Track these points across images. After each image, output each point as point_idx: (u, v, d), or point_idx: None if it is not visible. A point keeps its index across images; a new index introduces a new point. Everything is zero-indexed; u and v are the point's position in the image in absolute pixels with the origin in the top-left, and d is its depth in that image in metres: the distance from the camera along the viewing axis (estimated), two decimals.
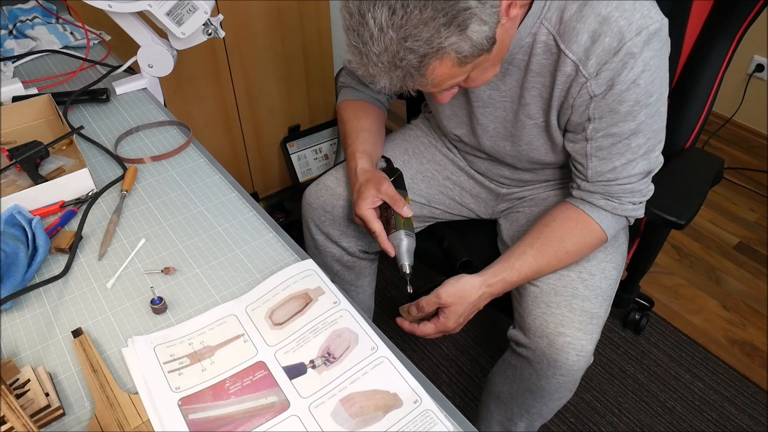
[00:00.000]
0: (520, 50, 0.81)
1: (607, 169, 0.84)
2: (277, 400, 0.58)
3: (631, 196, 0.86)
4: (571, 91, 0.79)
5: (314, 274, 0.71)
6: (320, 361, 0.62)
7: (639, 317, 1.57)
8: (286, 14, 1.72)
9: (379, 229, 0.90)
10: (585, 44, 0.75)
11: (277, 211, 1.97)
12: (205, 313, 0.67)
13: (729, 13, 1.00)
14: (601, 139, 0.82)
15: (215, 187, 0.88)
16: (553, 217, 0.90)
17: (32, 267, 0.71)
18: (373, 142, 1.04)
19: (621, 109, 0.77)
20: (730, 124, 2.35)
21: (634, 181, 0.85)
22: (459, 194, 1.13)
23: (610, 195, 0.86)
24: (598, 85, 0.76)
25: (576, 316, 0.86)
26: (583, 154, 0.85)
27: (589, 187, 0.87)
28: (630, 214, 0.88)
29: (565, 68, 0.78)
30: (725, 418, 1.39)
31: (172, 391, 0.59)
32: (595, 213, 0.88)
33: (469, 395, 1.45)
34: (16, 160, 0.85)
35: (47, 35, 1.24)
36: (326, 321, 0.66)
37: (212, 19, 0.99)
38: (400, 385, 0.59)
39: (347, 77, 1.12)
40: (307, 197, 1.09)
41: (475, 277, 0.87)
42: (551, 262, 0.88)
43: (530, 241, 0.88)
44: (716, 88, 1.05)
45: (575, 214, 0.88)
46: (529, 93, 0.85)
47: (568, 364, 0.85)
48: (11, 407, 0.52)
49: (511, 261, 0.87)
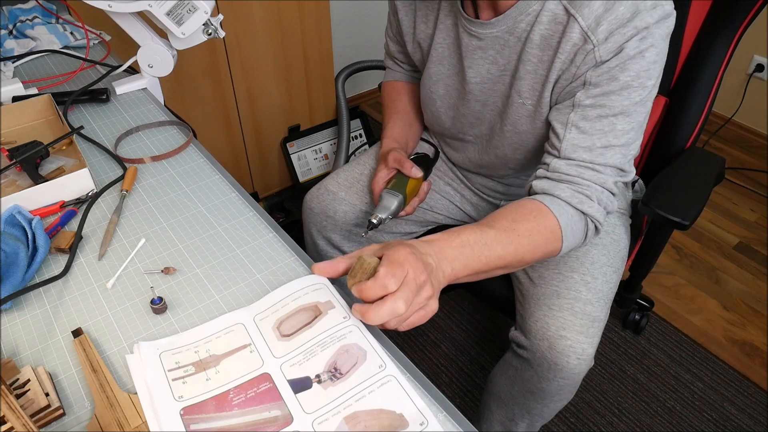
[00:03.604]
0: (525, 18, 0.79)
1: (584, 145, 0.77)
2: (281, 414, 0.57)
3: (600, 192, 0.78)
4: (575, 60, 0.76)
5: (325, 288, 0.70)
6: (326, 376, 0.60)
7: (639, 317, 1.56)
8: (286, 14, 1.72)
9: (383, 174, 0.96)
10: (597, 11, 0.73)
11: (277, 211, 1.97)
12: (212, 321, 0.66)
13: (728, 12, 1.00)
14: (589, 109, 0.77)
15: (215, 187, 0.88)
16: (504, 207, 0.79)
17: (32, 267, 0.71)
18: (404, 123, 1.09)
19: (621, 77, 0.74)
20: (730, 124, 2.35)
21: (607, 173, 0.78)
22: (460, 201, 1.14)
23: (579, 182, 0.77)
24: (607, 51, 0.74)
25: (578, 320, 0.86)
26: (564, 123, 0.78)
27: (560, 166, 0.78)
28: (593, 215, 0.78)
29: (572, 35, 0.75)
30: (725, 418, 1.39)
31: (175, 400, 0.58)
32: (554, 205, 0.77)
33: (470, 395, 1.45)
34: (16, 160, 0.85)
35: (47, 35, 1.24)
36: (335, 335, 0.64)
37: (212, 19, 0.99)
38: (406, 405, 0.58)
39: (387, 60, 1.16)
40: (308, 202, 1.09)
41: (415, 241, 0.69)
42: (500, 238, 0.72)
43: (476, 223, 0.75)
44: (716, 88, 1.05)
45: (531, 204, 0.77)
46: (524, 66, 0.82)
47: (569, 367, 0.85)
48: (11, 407, 0.52)
49: (446, 234, 0.70)
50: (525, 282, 0.94)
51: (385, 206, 0.91)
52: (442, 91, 0.97)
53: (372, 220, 0.90)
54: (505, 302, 1.02)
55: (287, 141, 1.98)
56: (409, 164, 0.94)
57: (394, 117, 1.08)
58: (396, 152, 0.97)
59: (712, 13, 1.02)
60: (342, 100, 1.97)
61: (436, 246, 0.67)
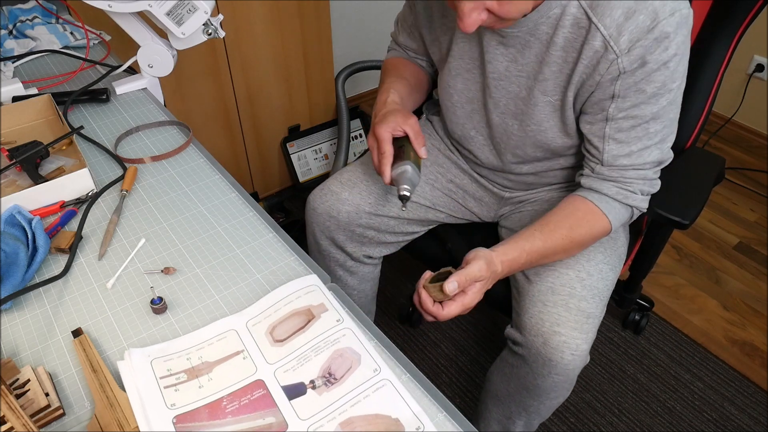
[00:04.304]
0: (546, 21, 0.80)
1: (624, 153, 0.83)
2: (275, 422, 0.57)
3: (642, 184, 0.85)
4: (599, 68, 0.78)
5: (318, 290, 0.69)
6: (321, 381, 0.60)
7: (639, 317, 1.56)
8: (286, 14, 1.72)
9: (389, 152, 0.88)
10: (618, 20, 0.74)
11: (276, 211, 1.97)
12: (204, 327, 0.66)
13: (728, 12, 1.00)
14: (622, 121, 0.81)
15: (215, 187, 0.88)
16: (561, 207, 0.89)
17: (32, 267, 0.71)
18: (409, 90, 1.05)
19: (647, 89, 0.77)
20: (730, 124, 2.35)
21: (647, 167, 0.84)
22: (462, 197, 1.13)
23: (623, 181, 0.85)
24: (630, 62, 0.75)
25: (572, 316, 0.86)
26: (601, 136, 0.84)
27: (603, 171, 0.86)
28: (638, 205, 0.87)
29: (594, 43, 0.77)
30: (725, 418, 1.39)
31: (168, 408, 0.57)
32: (603, 203, 0.86)
33: (469, 395, 1.45)
34: (16, 160, 0.85)
35: (47, 35, 1.24)
36: (328, 339, 0.64)
37: (212, 19, 0.99)
38: (402, 409, 0.57)
39: (393, 44, 1.15)
40: (311, 202, 1.09)
41: (490, 252, 0.83)
42: (557, 248, 0.86)
43: (539, 226, 0.86)
44: (716, 87, 1.05)
45: (584, 205, 0.87)
46: (548, 68, 0.84)
47: (563, 363, 0.85)
48: (11, 407, 0.52)
49: (520, 243, 0.84)
50: (521, 279, 0.94)
51: (411, 179, 0.86)
52: (461, 85, 0.97)
53: (404, 194, 0.85)
54: (503, 300, 1.02)
55: (287, 141, 1.98)
56: (423, 140, 0.90)
57: (401, 80, 1.04)
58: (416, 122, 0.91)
59: (712, 13, 1.02)
60: (342, 100, 1.97)
61: (507, 266, 0.83)
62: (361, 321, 0.67)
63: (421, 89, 1.11)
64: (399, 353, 0.64)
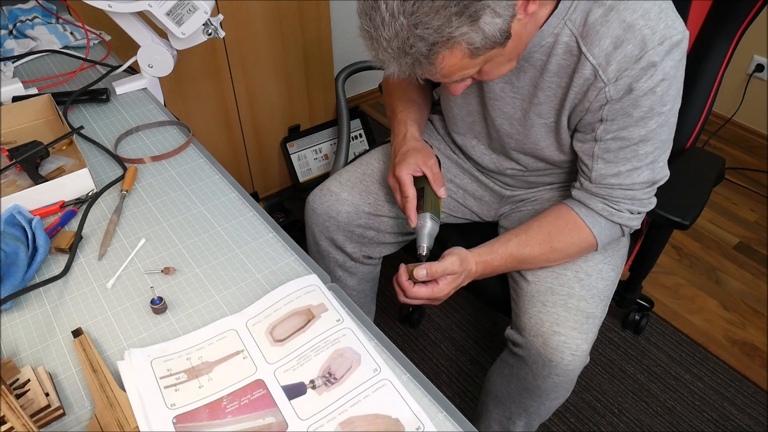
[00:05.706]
0: (540, 49, 0.81)
1: (611, 173, 0.84)
2: (275, 422, 0.57)
3: (630, 204, 0.86)
4: (588, 95, 0.79)
5: (318, 290, 0.69)
6: (321, 381, 0.60)
7: (639, 317, 1.56)
8: (286, 14, 1.72)
9: (412, 194, 0.91)
10: (607, 49, 0.75)
11: (277, 211, 1.97)
12: (204, 327, 0.66)
13: (728, 12, 1.00)
14: (610, 142, 0.82)
15: (215, 187, 0.88)
16: (545, 215, 0.91)
17: (32, 267, 0.71)
18: (421, 114, 1.07)
19: (634, 113, 0.78)
20: (730, 124, 2.35)
21: (636, 188, 0.85)
22: (462, 197, 1.13)
23: (610, 199, 0.86)
24: (617, 90, 0.76)
25: (571, 316, 0.86)
26: (590, 155, 0.85)
27: (591, 187, 0.87)
28: (626, 223, 0.88)
29: (584, 71, 0.78)
30: (725, 418, 1.39)
31: (167, 408, 0.57)
32: (589, 218, 0.88)
33: (469, 395, 1.45)
34: (16, 160, 0.85)
35: (47, 35, 1.24)
36: (328, 339, 0.64)
37: (212, 19, 0.99)
38: (402, 409, 0.58)
39: None
40: (311, 203, 1.09)
41: (466, 251, 0.88)
42: (535, 253, 0.88)
43: (517, 231, 0.90)
44: (716, 88, 1.05)
45: (568, 215, 0.89)
46: (543, 92, 0.85)
47: (563, 363, 0.85)
48: (11, 407, 0.52)
49: (495, 245, 0.89)
50: (519, 280, 0.94)
51: (431, 234, 0.90)
52: (461, 99, 0.99)
53: (422, 253, 0.89)
54: (502, 301, 1.02)
55: (287, 141, 1.98)
56: (442, 182, 0.93)
57: (412, 105, 1.06)
58: (435, 164, 0.94)
59: (712, 13, 1.02)
60: (342, 100, 1.97)
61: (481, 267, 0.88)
62: (361, 321, 0.67)
63: (428, 103, 1.14)
64: (399, 353, 0.64)
